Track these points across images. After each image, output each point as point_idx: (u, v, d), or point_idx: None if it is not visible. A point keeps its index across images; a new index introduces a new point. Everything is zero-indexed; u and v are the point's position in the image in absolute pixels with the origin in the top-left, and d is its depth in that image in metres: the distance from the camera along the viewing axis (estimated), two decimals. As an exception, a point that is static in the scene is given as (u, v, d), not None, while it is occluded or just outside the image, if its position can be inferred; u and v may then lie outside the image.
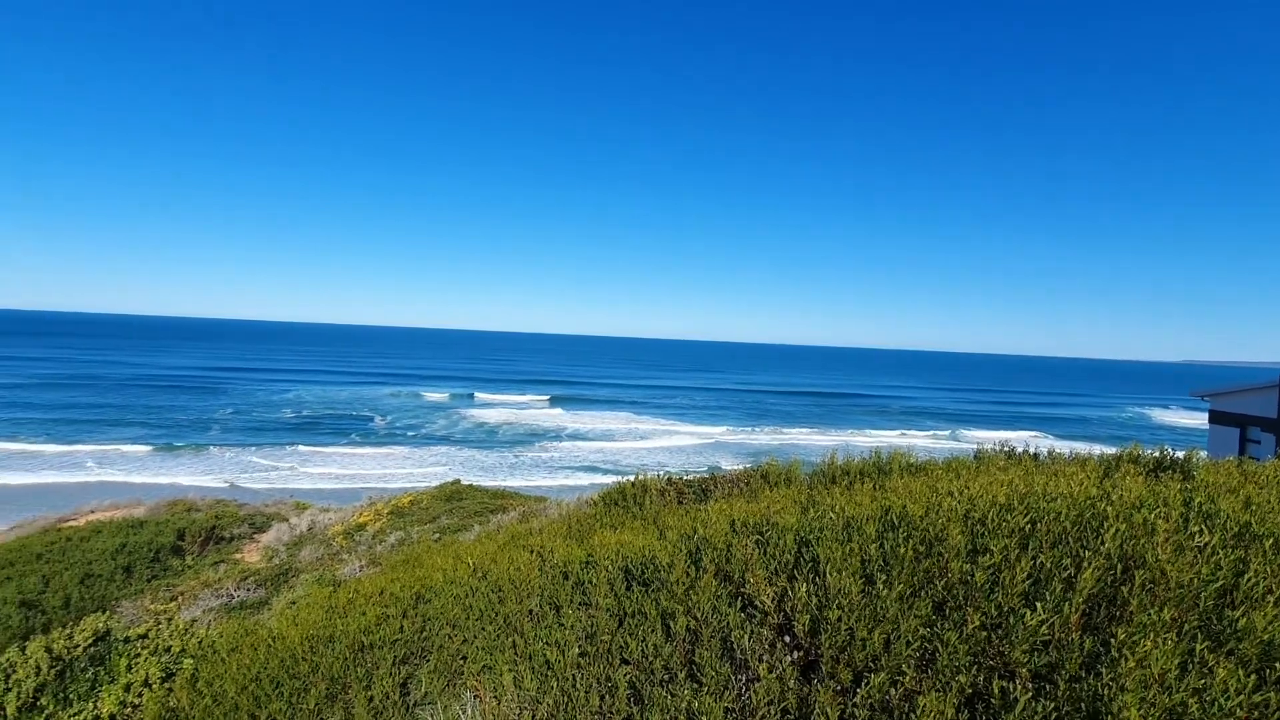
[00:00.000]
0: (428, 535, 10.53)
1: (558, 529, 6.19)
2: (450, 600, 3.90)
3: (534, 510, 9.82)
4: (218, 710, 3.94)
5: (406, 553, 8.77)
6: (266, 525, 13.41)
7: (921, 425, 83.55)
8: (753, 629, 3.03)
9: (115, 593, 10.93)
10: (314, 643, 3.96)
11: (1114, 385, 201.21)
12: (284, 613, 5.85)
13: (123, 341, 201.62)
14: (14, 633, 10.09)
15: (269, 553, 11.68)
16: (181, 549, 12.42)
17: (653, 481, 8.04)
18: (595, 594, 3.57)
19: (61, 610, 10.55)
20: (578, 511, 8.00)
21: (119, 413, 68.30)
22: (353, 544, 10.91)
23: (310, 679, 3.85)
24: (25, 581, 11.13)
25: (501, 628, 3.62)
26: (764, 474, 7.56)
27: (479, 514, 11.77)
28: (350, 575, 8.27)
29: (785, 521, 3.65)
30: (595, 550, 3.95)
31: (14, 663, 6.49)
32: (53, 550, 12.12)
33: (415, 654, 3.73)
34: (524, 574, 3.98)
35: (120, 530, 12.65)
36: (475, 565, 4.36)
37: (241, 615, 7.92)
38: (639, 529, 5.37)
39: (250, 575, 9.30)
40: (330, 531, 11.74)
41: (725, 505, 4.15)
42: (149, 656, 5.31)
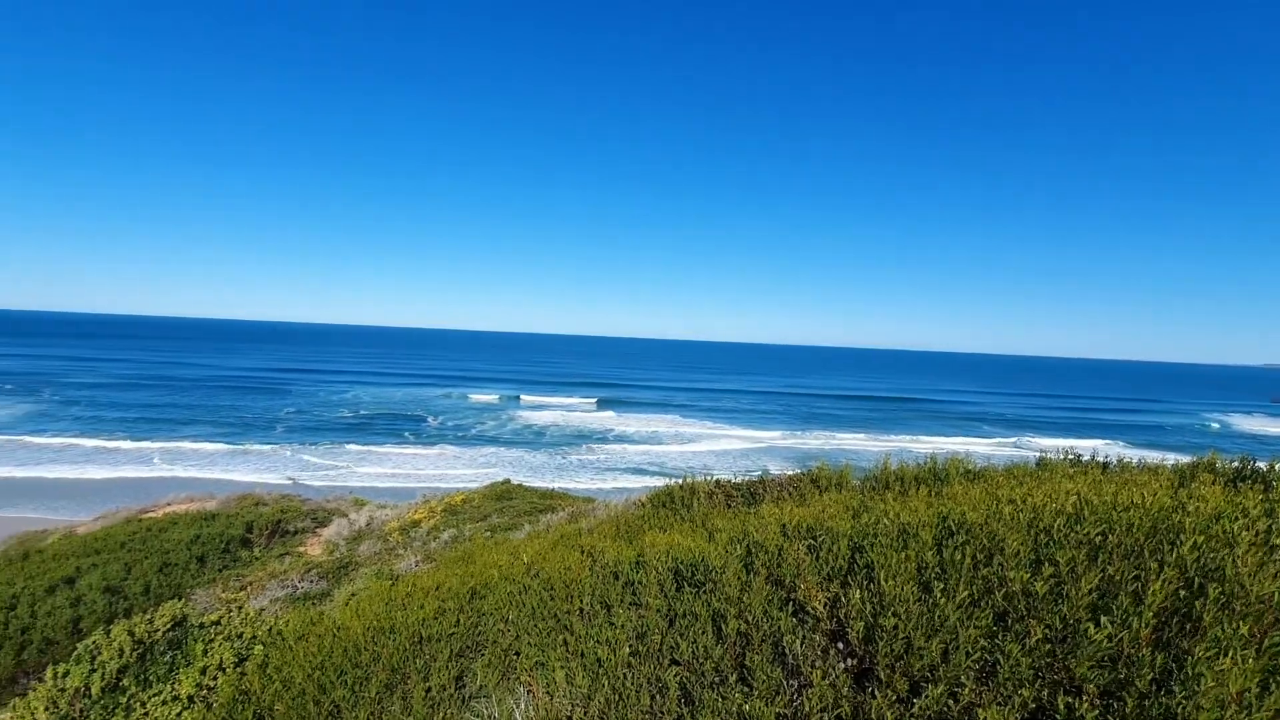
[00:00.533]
0: (479, 533, 10.77)
1: (607, 529, 6.25)
2: (504, 597, 4.00)
3: (582, 511, 9.93)
4: (286, 694, 4.14)
5: (460, 550, 9.01)
6: (328, 520, 13.97)
7: (982, 432, 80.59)
8: (805, 634, 3.01)
9: (190, 581, 11.59)
10: (375, 633, 4.12)
11: (1193, 391, 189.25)
12: (346, 604, 6.09)
13: (196, 344, 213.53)
14: (99, 617, 10.81)
15: (330, 547, 12.17)
16: (250, 541, 13.09)
17: (700, 484, 8.03)
18: (645, 594, 3.60)
19: (142, 596, 11.26)
20: (626, 513, 8.06)
21: (190, 412, 72.26)
22: (408, 540, 11.25)
23: (371, 668, 4.01)
24: (110, 568, 11.92)
25: (553, 625, 3.69)
26: (814, 478, 7.45)
27: (528, 513, 11.96)
28: (407, 570, 8.54)
29: (837, 527, 3.60)
30: (645, 551, 3.98)
31: (99, 645, 6.93)
32: (134, 540, 12.95)
33: (470, 647, 3.83)
34: (575, 573, 4.05)
35: (194, 522, 13.42)
36: (528, 563, 4.45)
37: (306, 605, 8.26)
38: (688, 531, 5.37)
39: (313, 568, 9.72)
40: (387, 527, 12.15)
41: (775, 509, 4.12)
42: (223, 642, 5.61)
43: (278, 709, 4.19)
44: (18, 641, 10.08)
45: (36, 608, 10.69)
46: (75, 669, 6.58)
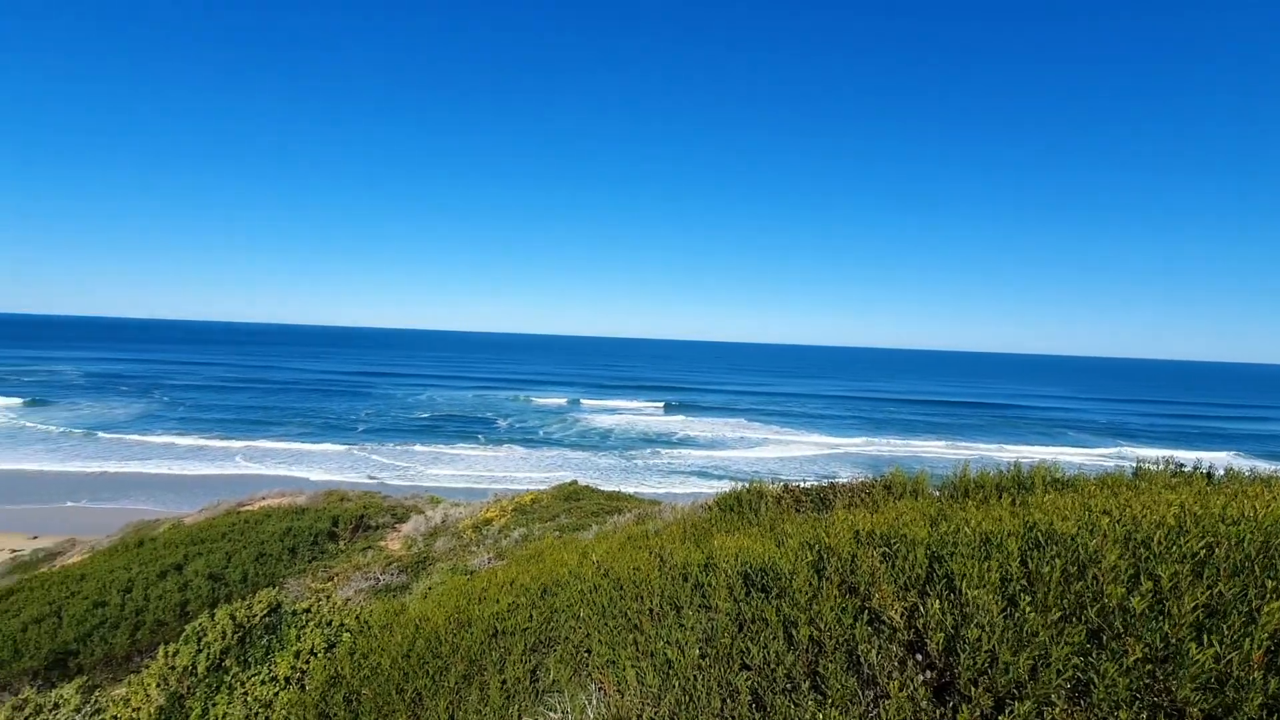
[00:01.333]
0: (548, 532, 11.00)
1: (674, 532, 6.27)
2: (575, 595, 4.09)
3: (649, 513, 9.99)
4: (373, 680, 4.37)
5: (530, 548, 9.23)
6: (406, 516, 14.63)
7: (1070, 439, 75.75)
8: (881, 644, 2.94)
9: (283, 571, 12.40)
10: (454, 626, 4.30)
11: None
12: (424, 597, 6.35)
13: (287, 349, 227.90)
14: (203, 601, 11.71)
15: (408, 542, 12.73)
16: (336, 535, 13.87)
17: (768, 488, 7.93)
18: (715, 597, 3.60)
19: (240, 584, 12.12)
20: (693, 515, 8.05)
21: (280, 414, 77.09)
22: (481, 537, 11.63)
23: (450, 659, 4.18)
24: (212, 557, 12.91)
25: (623, 624, 3.74)
26: (887, 484, 7.23)
27: (595, 514, 12.13)
28: (480, 566, 8.82)
29: (914, 534, 3.50)
30: (714, 554, 3.98)
31: (204, 627, 7.47)
32: (233, 531, 13.97)
33: (543, 643, 3.94)
34: (644, 573, 4.09)
35: (286, 516, 14.36)
36: (597, 563, 4.53)
37: (387, 597, 8.66)
38: (756, 535, 5.33)
39: (394, 561, 10.20)
40: (461, 525, 12.60)
41: (847, 515, 4.03)
42: (314, 628, 5.97)
43: (365, 693, 4.43)
44: (133, 622, 11.05)
45: (149, 591, 11.69)
46: (184, 649, 7.11)
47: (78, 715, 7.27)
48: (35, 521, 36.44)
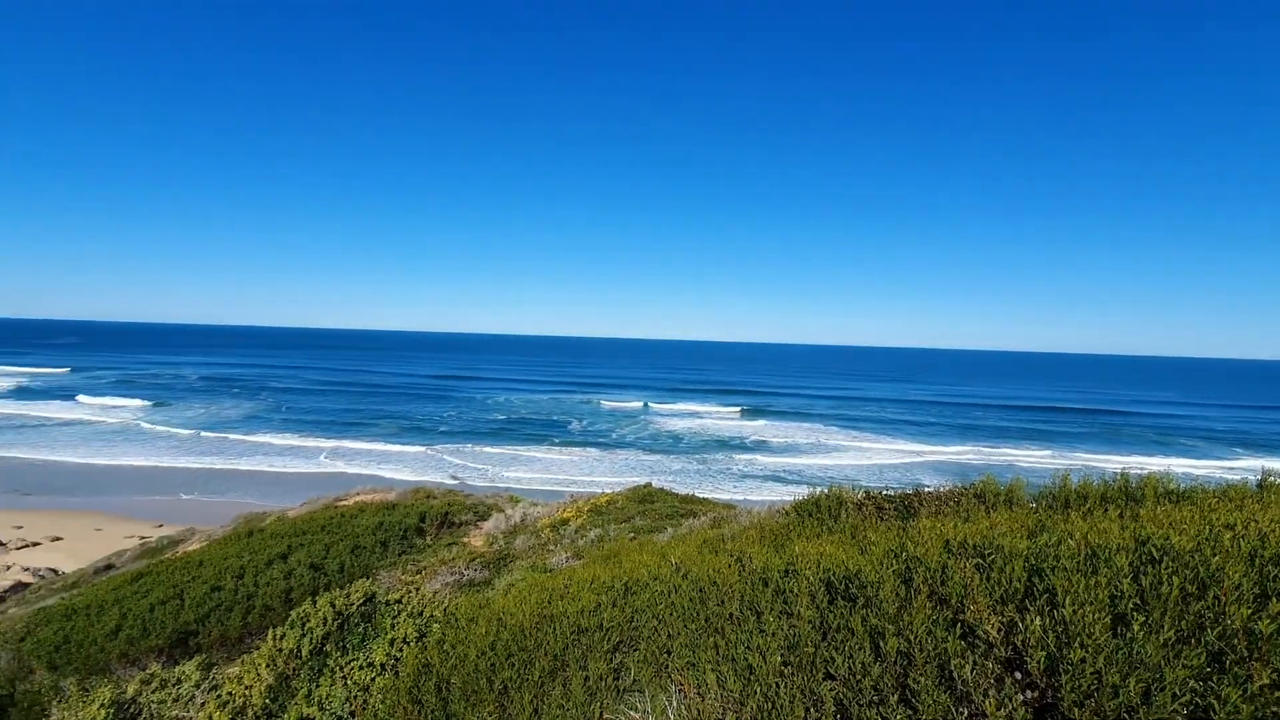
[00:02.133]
0: (624, 533, 11.12)
1: (751, 536, 6.22)
2: (655, 595, 4.14)
3: (724, 517, 9.93)
4: (461, 670, 4.57)
5: (606, 548, 9.37)
6: (487, 515, 15.18)
7: (1188, 450, 69.41)
8: (976, 660, 2.82)
9: (375, 563, 13.15)
10: (539, 621, 4.44)
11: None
12: (507, 592, 6.57)
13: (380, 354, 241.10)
14: (305, 589, 12.55)
15: (489, 539, 13.20)
16: (423, 530, 14.58)
17: (848, 494, 7.72)
18: (797, 604, 3.56)
19: (338, 574, 12.93)
20: (769, 520, 7.95)
21: (371, 415, 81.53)
22: (558, 536, 11.90)
23: (535, 654, 4.32)
24: (313, 548, 13.83)
25: (703, 627, 3.76)
26: (978, 493, 6.90)
27: (670, 517, 12.16)
28: (558, 565, 9.03)
29: (1011, 546, 3.33)
30: (795, 560, 3.93)
31: (308, 614, 7.98)
32: (331, 524, 14.94)
33: (625, 642, 4.01)
34: (723, 577, 4.09)
35: (378, 512, 15.22)
36: (676, 564, 4.56)
37: (471, 591, 8.98)
38: (837, 542, 5.21)
39: (476, 557, 10.61)
40: (539, 524, 12.94)
41: (935, 524, 3.89)
42: (406, 618, 6.30)
43: (454, 682, 4.63)
44: (244, 606, 11.99)
45: (258, 578, 12.66)
46: (290, 633, 7.64)
47: (197, 690, 7.88)
48: (159, 511, 40.20)
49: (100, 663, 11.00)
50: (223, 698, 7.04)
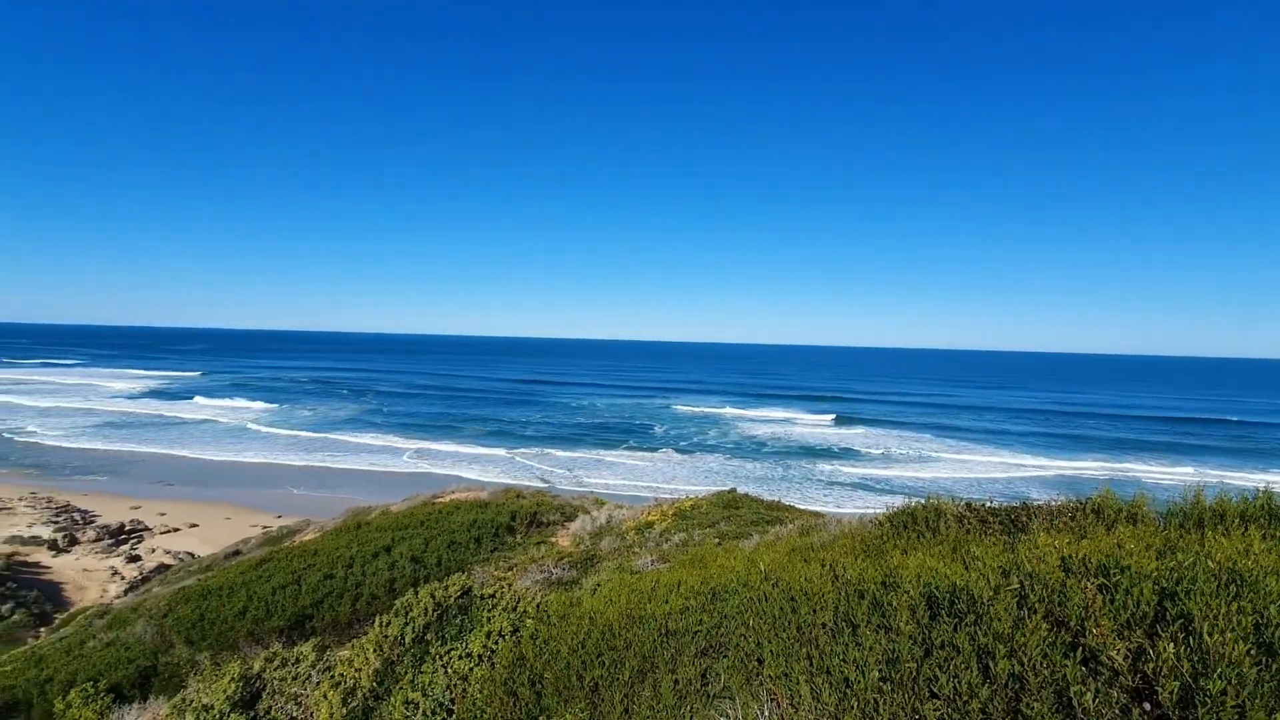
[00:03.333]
0: (708, 538, 11.06)
1: (844, 546, 6.02)
2: (744, 602, 4.10)
3: (812, 525, 9.68)
4: (553, 665, 4.70)
5: (692, 552, 9.34)
6: (574, 515, 15.53)
7: (1343, 463, 61.13)
8: (1098, 687, 2.62)
9: (470, 558, 13.75)
10: (627, 621, 4.50)
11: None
12: (596, 592, 6.68)
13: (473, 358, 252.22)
14: (407, 580, 13.28)
15: (576, 539, 13.49)
16: (513, 529, 15.11)
17: (948, 505, 7.33)
18: (895, 618, 3.42)
19: (436, 567, 13.61)
20: (862, 530, 7.68)
21: (463, 418, 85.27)
22: (643, 539, 12.00)
23: (624, 654, 4.37)
24: (413, 542, 14.64)
25: (795, 637, 3.68)
26: (1095, 508, 6.37)
27: (755, 523, 11.98)
28: (644, 567, 9.09)
29: (1139, 566, 3.06)
30: (893, 572, 3.78)
31: (410, 604, 8.41)
32: (429, 520, 15.77)
33: (714, 647, 3.99)
34: (816, 586, 3.99)
35: (472, 510, 15.92)
36: (766, 571, 4.50)
37: (559, 590, 9.17)
38: (937, 555, 4.96)
39: (564, 557, 10.88)
40: (624, 526, 13.10)
41: (1051, 540, 3.63)
42: (501, 612, 6.54)
43: (547, 676, 4.77)
44: (353, 594, 12.84)
45: (365, 568, 13.53)
46: (394, 621, 8.09)
47: (313, 670, 8.46)
48: (277, 503, 43.79)
49: (230, 640, 12.10)
50: (335, 678, 7.53)
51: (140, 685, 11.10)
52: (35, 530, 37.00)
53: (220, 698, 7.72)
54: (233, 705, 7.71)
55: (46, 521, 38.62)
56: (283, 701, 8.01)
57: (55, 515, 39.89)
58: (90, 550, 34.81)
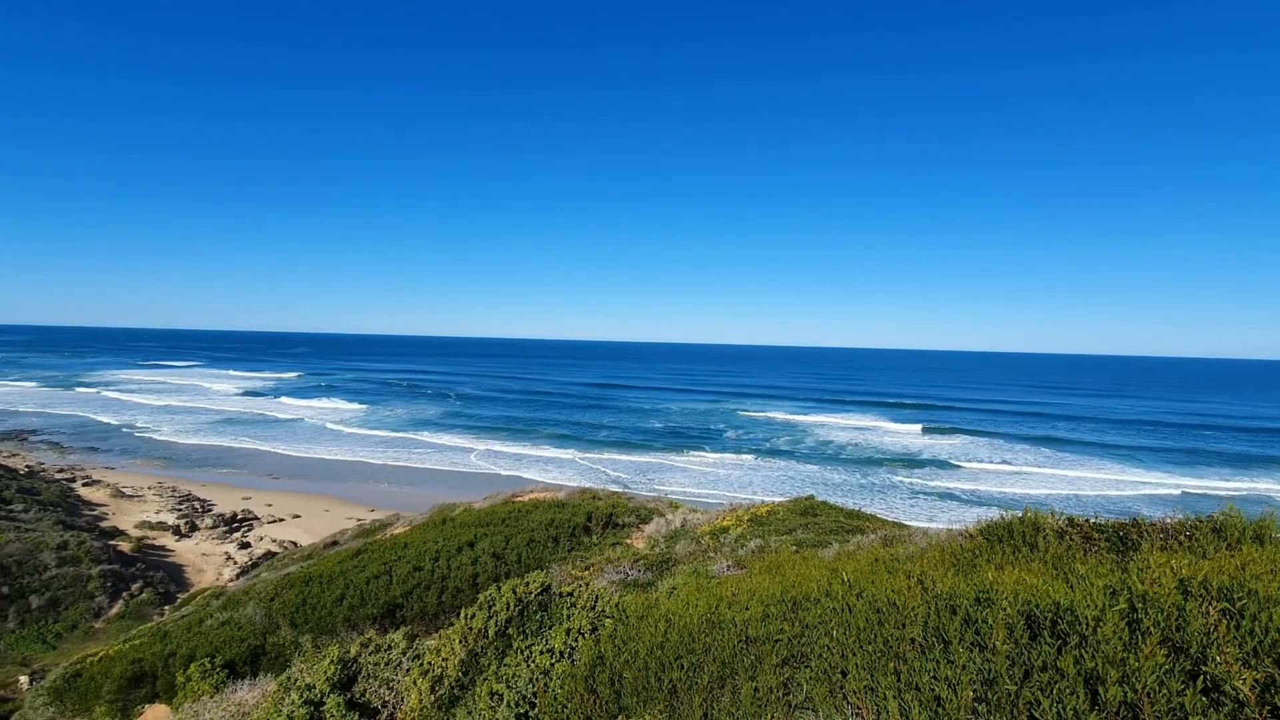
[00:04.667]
0: (785, 545, 10.88)
1: (932, 558, 5.79)
2: (827, 612, 4.02)
3: (895, 535, 9.34)
4: (633, 666, 4.77)
5: (768, 559, 9.22)
6: (648, 518, 15.63)
7: None
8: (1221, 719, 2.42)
9: (548, 557, 14.12)
10: (706, 626, 4.51)
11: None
12: (673, 595, 6.72)
13: (550, 362, 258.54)
14: (489, 575, 13.77)
15: (651, 542, 13.58)
16: (589, 529, 15.39)
17: (1048, 519, 6.91)
18: (991, 636, 3.27)
19: (516, 564, 14.05)
20: (951, 543, 7.35)
21: (540, 421, 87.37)
22: (718, 544, 11.94)
23: (703, 658, 4.39)
24: (494, 539, 15.17)
25: (881, 650, 3.59)
26: (1216, 526, 5.84)
27: (835, 532, 11.68)
28: (719, 572, 9.05)
29: (1270, 590, 2.81)
30: (988, 588, 3.62)
31: (494, 598, 8.70)
32: (510, 518, 16.31)
33: (795, 657, 3.94)
34: (903, 599, 3.87)
35: (549, 509, 16.33)
36: (849, 581, 4.40)
37: (635, 591, 9.26)
38: (1036, 572, 4.70)
39: (640, 559, 10.98)
40: (699, 530, 13.07)
41: (1165, 559, 3.36)
42: (581, 611, 6.69)
43: (626, 676, 4.84)
44: (439, 586, 13.45)
45: (450, 562, 14.14)
46: (479, 614, 8.40)
47: (404, 657, 8.89)
48: (369, 497, 46.40)
49: (328, 625, 12.93)
50: (424, 666, 7.90)
51: (251, 663, 12.03)
52: (161, 516, 40.87)
53: (321, 679, 8.24)
54: (332, 686, 8.21)
55: (171, 509, 42.58)
56: (376, 685, 8.46)
57: (178, 503, 43.92)
58: (207, 536, 38.09)
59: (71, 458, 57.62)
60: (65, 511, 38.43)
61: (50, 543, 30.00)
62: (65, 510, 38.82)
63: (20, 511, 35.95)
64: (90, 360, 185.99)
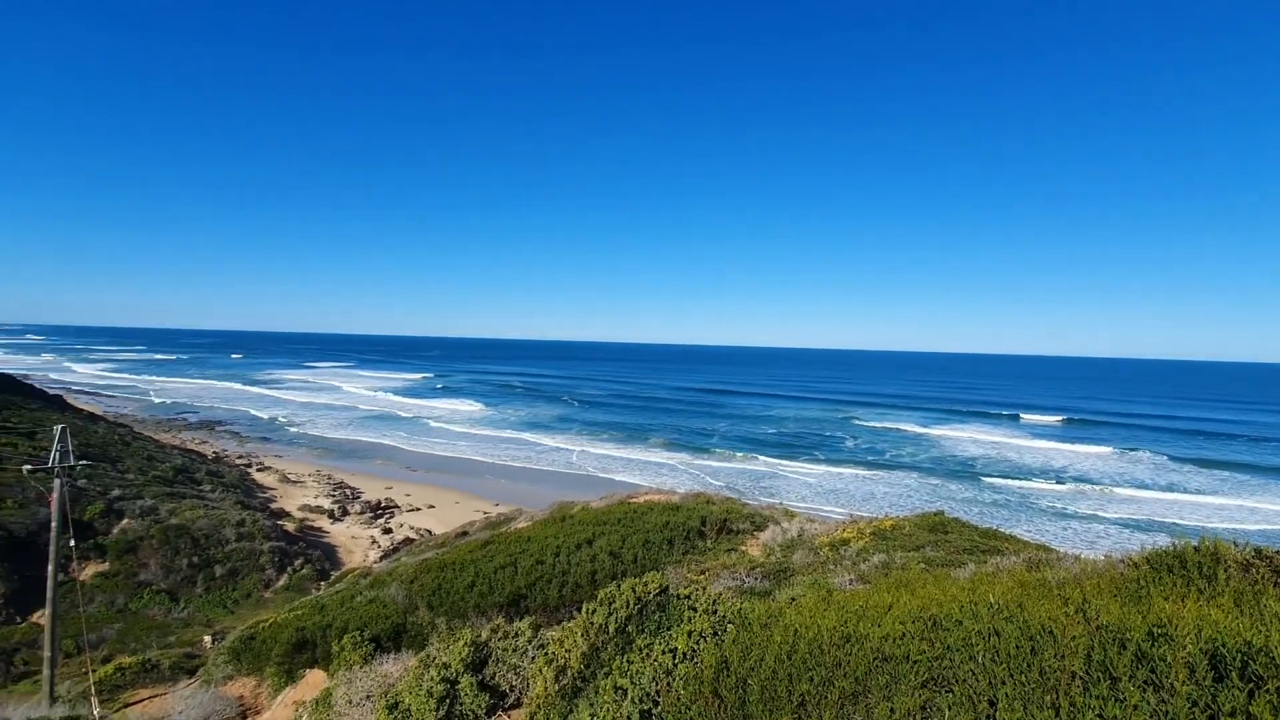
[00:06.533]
0: (913, 562, 10.33)
1: (1091, 587, 5.27)
2: (972, 635, 3.80)
3: (1041, 559, 8.60)
4: (758, 674, 4.75)
5: (895, 576, 8.81)
6: (763, 525, 15.40)
7: None
8: None
9: (663, 558, 14.29)
10: (839, 640, 4.41)
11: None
12: (793, 605, 6.60)
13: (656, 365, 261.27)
14: (606, 573, 14.15)
15: (767, 550, 13.36)
16: (703, 533, 15.41)
17: (1230, 550, 6.09)
18: (1169, 675, 2.96)
19: (632, 563, 14.35)
20: (1109, 570, 6.67)
21: (651, 425, 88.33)
22: (838, 556, 11.53)
23: (834, 672, 4.29)
24: (611, 537, 15.58)
25: (1037, 681, 3.34)
26: None
27: (969, 551, 10.91)
28: (841, 585, 8.77)
29: None
30: (1165, 621, 3.27)
31: (614, 595, 8.93)
32: (626, 518, 16.68)
33: (936, 680, 3.76)
34: (1060, 628, 3.58)
35: (664, 511, 16.54)
36: (996, 605, 4.12)
37: (752, 598, 9.17)
38: (1217, 607, 4.17)
39: (756, 566, 10.85)
40: (817, 541, 12.69)
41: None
42: (703, 614, 6.74)
43: (752, 683, 4.83)
44: (560, 580, 14.01)
45: (570, 558, 14.70)
46: (599, 609, 8.66)
47: (529, 645, 9.33)
48: (494, 492, 49.18)
49: (460, 609, 13.86)
50: (549, 656, 8.27)
51: (394, 638, 13.14)
52: (319, 501, 45.66)
53: (456, 659, 8.84)
54: (466, 667, 8.79)
55: (326, 495, 47.47)
56: (504, 670, 8.95)
57: (333, 490, 48.87)
58: (356, 521, 42.09)
59: (248, 446, 65.97)
60: (243, 493, 44.01)
61: (231, 519, 34.47)
62: (243, 492, 44.46)
63: (208, 491, 41.61)
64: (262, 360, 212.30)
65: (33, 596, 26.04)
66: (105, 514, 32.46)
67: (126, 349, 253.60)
